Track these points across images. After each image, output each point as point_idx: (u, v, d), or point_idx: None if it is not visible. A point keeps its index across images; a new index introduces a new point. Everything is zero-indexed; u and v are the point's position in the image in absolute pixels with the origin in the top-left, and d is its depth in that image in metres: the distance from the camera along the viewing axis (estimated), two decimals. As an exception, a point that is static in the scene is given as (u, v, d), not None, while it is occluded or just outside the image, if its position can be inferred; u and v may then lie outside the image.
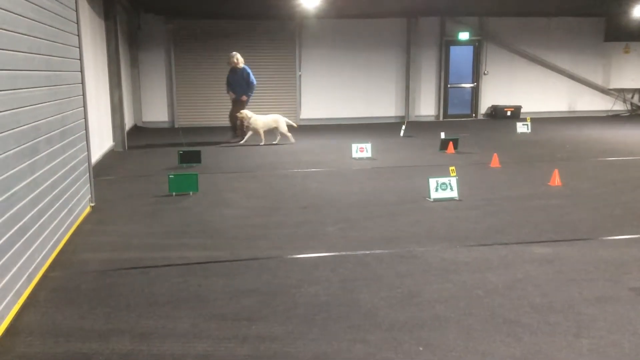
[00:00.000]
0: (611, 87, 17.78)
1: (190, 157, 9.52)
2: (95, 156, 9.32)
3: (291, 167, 9.44)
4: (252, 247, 5.22)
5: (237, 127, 12.42)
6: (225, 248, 5.19)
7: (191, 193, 7.34)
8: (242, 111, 11.99)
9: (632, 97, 18.22)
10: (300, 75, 16.47)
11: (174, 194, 7.28)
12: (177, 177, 7.32)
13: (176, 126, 15.89)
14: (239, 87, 12.37)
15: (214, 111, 16.16)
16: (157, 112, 16.01)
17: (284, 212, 6.51)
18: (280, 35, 16.21)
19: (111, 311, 3.82)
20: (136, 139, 13.17)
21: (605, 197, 7.08)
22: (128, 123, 13.52)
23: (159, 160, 10.13)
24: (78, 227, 5.88)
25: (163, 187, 7.52)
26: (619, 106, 18.16)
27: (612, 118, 17.39)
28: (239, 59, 12.36)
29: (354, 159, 10.18)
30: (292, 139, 12.19)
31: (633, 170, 8.86)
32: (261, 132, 12.03)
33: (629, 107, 18.21)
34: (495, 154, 9.47)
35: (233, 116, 12.40)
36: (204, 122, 16.05)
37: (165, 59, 15.83)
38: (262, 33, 16.09)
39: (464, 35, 16.86)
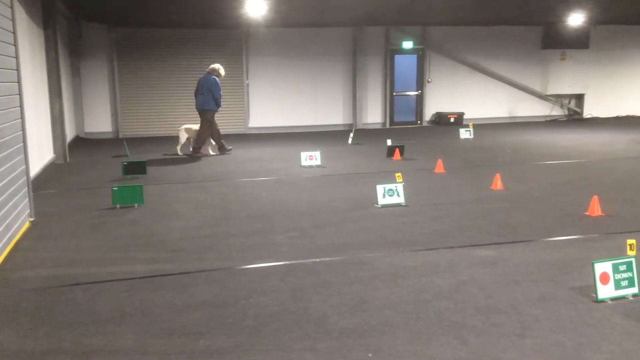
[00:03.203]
0: (549, 93, 18.48)
1: (135, 168, 9.31)
2: (35, 169, 9.00)
3: (240, 176, 9.38)
4: (200, 259, 5.14)
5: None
6: (172, 261, 5.10)
7: (136, 205, 7.18)
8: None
9: (569, 103, 18.98)
10: (248, 84, 16.40)
11: (118, 206, 7.11)
12: (121, 189, 7.14)
13: (120, 136, 15.51)
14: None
15: (160, 121, 15.90)
16: (100, 123, 15.61)
17: (233, 222, 6.45)
18: (226, 44, 16.10)
19: (52, 330, 3.69)
20: (78, 150, 12.80)
21: (546, 199, 7.34)
22: (69, 134, 13.12)
23: (103, 172, 9.87)
24: (16, 243, 5.66)
25: (107, 199, 7.33)
26: (556, 111, 18.89)
27: (550, 123, 18.06)
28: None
29: (303, 167, 10.20)
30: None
31: (571, 172, 9.22)
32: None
33: (566, 112, 18.96)
34: (439, 160, 9.68)
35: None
36: (149, 132, 15.76)
37: (108, 68, 15.47)
38: (208, 42, 15.95)
39: (407, 44, 17.19)
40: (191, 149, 11.93)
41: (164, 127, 15.89)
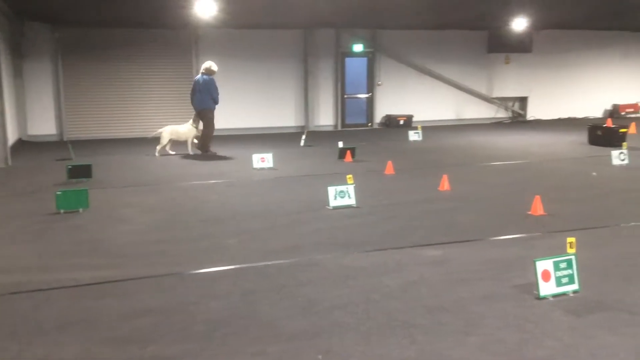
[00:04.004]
0: (494, 95, 19.01)
1: (80, 172, 9.05)
2: (-27, 174, 8.63)
3: (190, 179, 9.25)
4: (148, 264, 5.05)
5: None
6: (119, 267, 4.99)
7: (81, 210, 6.99)
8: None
9: (513, 105, 19.57)
10: (197, 86, 16.17)
11: (62, 211, 6.90)
12: (65, 194, 6.94)
13: (65, 139, 15.06)
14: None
15: (106, 123, 15.53)
16: (44, 125, 15.10)
17: (183, 226, 6.36)
18: (175, 44, 15.86)
19: (-9, 341, 3.55)
20: (21, 153, 12.35)
21: (491, 199, 7.55)
22: (11, 137, 12.63)
23: (46, 176, 9.55)
24: (-47, 251, 5.42)
25: (50, 204, 7.09)
26: (501, 114, 19.43)
27: (496, 125, 18.57)
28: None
29: (255, 169, 10.15)
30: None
31: (515, 173, 9.51)
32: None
33: (511, 115, 19.53)
34: (389, 162, 9.81)
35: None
36: (96, 135, 15.37)
37: (53, 68, 15.00)
38: (156, 42, 15.67)
39: (358, 48, 17.36)
40: (197, 150, 12.07)
41: (111, 129, 15.54)
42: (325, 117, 17.53)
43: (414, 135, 14.44)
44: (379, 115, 18.07)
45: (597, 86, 20.03)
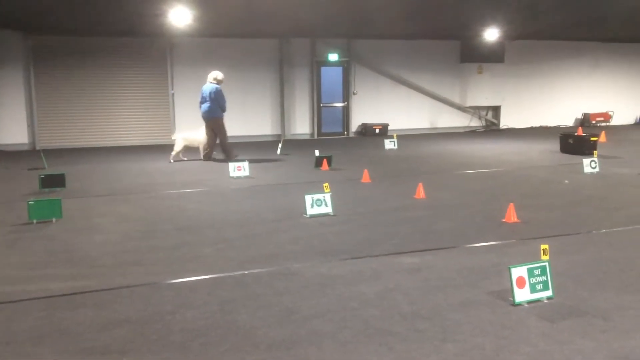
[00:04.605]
0: (468, 105, 19.26)
1: (53, 181, 8.91)
2: (-58, 183, 8.43)
3: (166, 188, 9.17)
4: (123, 274, 4.99)
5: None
6: (94, 277, 4.91)
7: (54, 220, 6.88)
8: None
9: (486, 114, 19.85)
10: (173, 94, 16.10)
11: (34, 221, 6.78)
12: (37, 203, 6.82)
13: (37, 148, 14.82)
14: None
15: (80, 131, 15.33)
16: (15, 134, 14.83)
17: (159, 235, 6.31)
18: (150, 53, 15.75)
19: (-38, 355, 3.47)
20: (-9, 163, 12.11)
21: (466, 207, 7.64)
22: (-19, 146, 12.40)
23: (18, 186, 9.38)
24: None
25: (22, 214, 6.97)
26: (475, 122, 19.70)
27: (469, 134, 18.81)
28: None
29: (232, 177, 10.11)
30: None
31: (489, 181, 9.64)
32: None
33: (484, 123, 19.81)
34: (365, 170, 9.87)
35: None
36: (69, 143, 15.15)
37: (24, 76, 14.77)
38: (130, 51, 15.56)
39: (333, 57, 17.45)
40: (205, 156, 12.35)
41: (85, 138, 15.34)
42: (301, 126, 17.56)
43: (389, 144, 14.55)
44: (354, 124, 18.17)
45: (568, 95, 20.46)
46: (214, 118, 12.15)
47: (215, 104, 12.13)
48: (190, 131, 12.60)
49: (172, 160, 12.15)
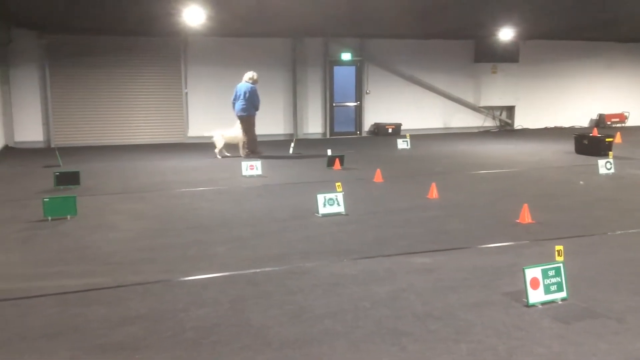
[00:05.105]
0: (481, 105, 19.15)
1: (68, 179, 8.99)
2: (-42, 180, 8.54)
3: (180, 186, 9.22)
4: (137, 271, 5.02)
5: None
6: (108, 274, 4.95)
7: (69, 217, 6.93)
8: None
9: (500, 114, 19.72)
10: (186, 93, 16.18)
11: (49, 218, 6.84)
12: (52, 200, 6.88)
13: (52, 146, 14.95)
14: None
15: (94, 129, 15.45)
16: (31, 132, 14.99)
17: (173, 233, 6.33)
18: (163, 52, 15.85)
19: (-23, 350, 3.51)
20: (7, 160, 12.26)
21: (479, 207, 7.59)
22: (-3, 143, 12.55)
23: (33, 183, 9.47)
24: (-62, 258, 5.35)
25: (37, 211, 7.04)
26: (488, 123, 19.58)
27: (483, 134, 18.70)
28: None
29: (244, 176, 10.14)
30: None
31: (503, 181, 9.58)
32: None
33: (498, 124, 19.69)
34: (378, 169, 9.84)
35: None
36: (84, 141, 15.28)
37: (40, 75, 14.91)
38: (144, 50, 15.66)
39: (346, 56, 17.44)
40: (245, 153, 12.84)
41: (99, 136, 15.47)
42: (314, 125, 17.56)
43: (402, 144, 14.51)
44: (367, 124, 18.13)
45: (583, 96, 20.26)
46: (247, 116, 12.63)
47: (250, 102, 12.67)
48: (226, 128, 12.89)
49: (219, 157, 12.58)
